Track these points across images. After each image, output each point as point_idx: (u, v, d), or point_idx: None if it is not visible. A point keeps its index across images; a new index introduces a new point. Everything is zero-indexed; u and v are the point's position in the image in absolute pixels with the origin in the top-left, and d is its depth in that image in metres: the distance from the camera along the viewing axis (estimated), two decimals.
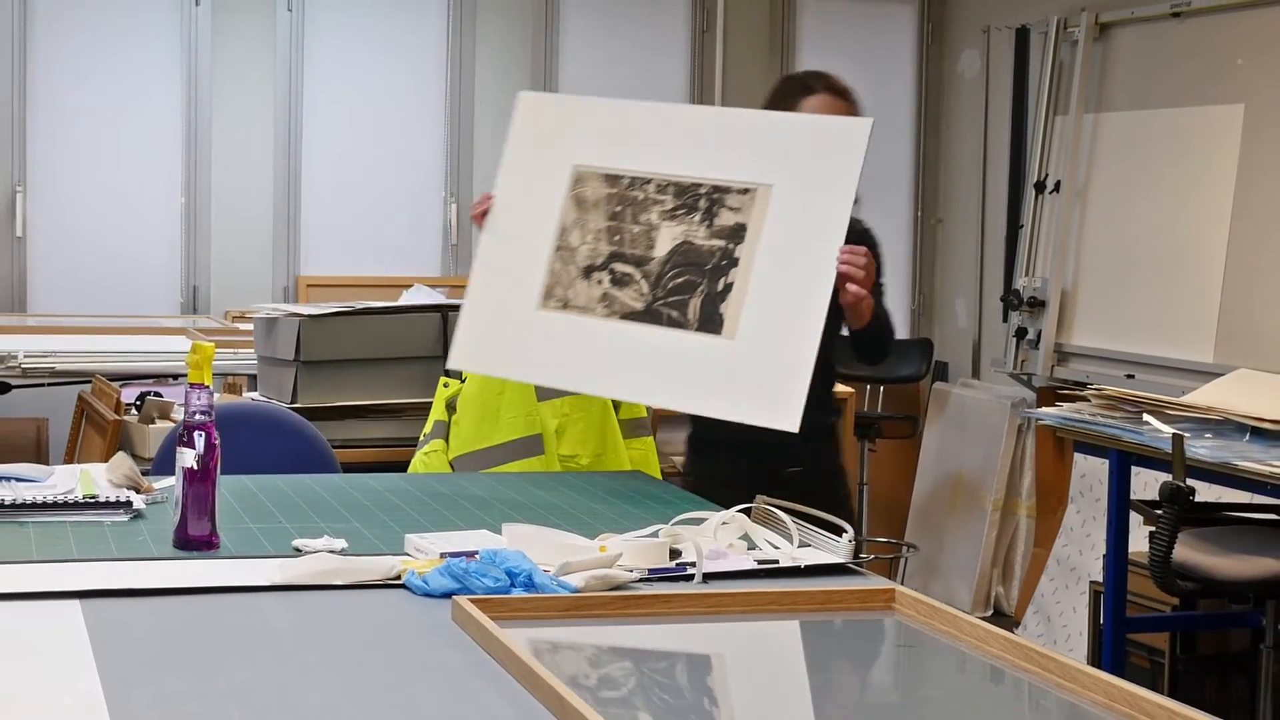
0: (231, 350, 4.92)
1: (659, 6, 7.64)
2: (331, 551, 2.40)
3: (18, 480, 2.83)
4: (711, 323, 2.96)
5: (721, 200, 3.03)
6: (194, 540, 2.40)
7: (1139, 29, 6.09)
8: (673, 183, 3.09)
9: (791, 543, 2.48)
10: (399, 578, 2.25)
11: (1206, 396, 4.01)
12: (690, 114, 3.49)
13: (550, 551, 2.30)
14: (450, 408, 3.96)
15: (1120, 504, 4.07)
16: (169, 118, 6.96)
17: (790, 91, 3.30)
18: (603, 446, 3.97)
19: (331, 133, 7.19)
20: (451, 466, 3.86)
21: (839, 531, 2.47)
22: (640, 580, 2.27)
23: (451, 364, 3.34)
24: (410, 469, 3.86)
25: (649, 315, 3.03)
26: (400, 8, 7.27)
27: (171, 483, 2.51)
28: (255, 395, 4.38)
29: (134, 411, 4.33)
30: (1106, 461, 4.12)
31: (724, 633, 2.15)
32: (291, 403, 4.11)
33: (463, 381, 4.02)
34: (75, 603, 2.11)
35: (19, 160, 6.78)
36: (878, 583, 2.34)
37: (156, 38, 6.94)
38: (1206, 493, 4.09)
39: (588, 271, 3.11)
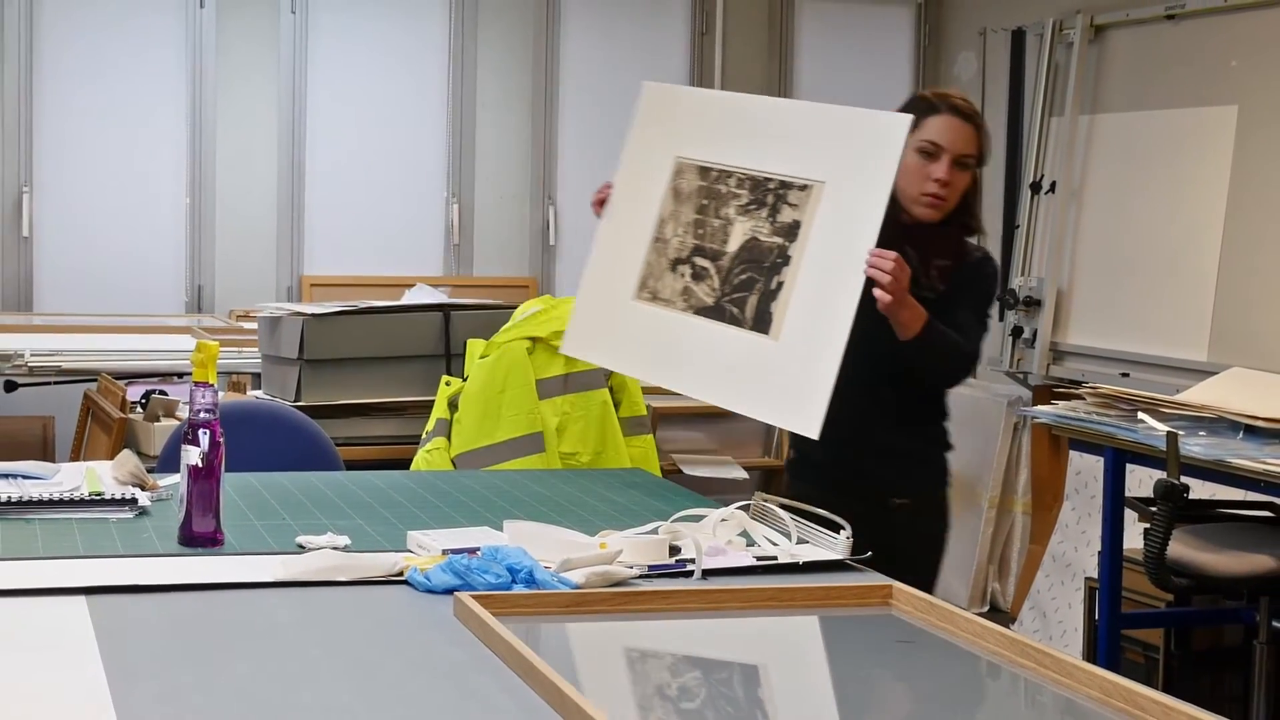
0: (236, 349, 4.92)
1: (659, 9, 7.64)
2: (335, 548, 2.40)
3: (24, 478, 2.84)
4: (763, 322, 2.91)
5: (784, 196, 2.96)
6: (199, 537, 2.40)
7: (1134, 31, 6.09)
8: (749, 177, 3.03)
9: (790, 539, 2.48)
10: (402, 574, 2.25)
11: (1201, 395, 4.01)
12: (778, 106, 3.38)
13: (551, 548, 2.30)
14: (452, 406, 3.96)
15: (1115, 501, 4.07)
16: (174, 119, 6.96)
17: (914, 109, 3.10)
18: (603, 444, 3.98)
19: (335, 133, 7.19)
20: (454, 464, 3.86)
21: (837, 528, 2.47)
22: (640, 576, 2.27)
23: (563, 350, 3.39)
24: (413, 466, 3.86)
25: (716, 311, 3.00)
26: (403, 10, 7.27)
27: (176, 480, 2.51)
28: (259, 393, 4.38)
29: (139, 409, 4.33)
30: (1102, 459, 4.12)
31: (723, 628, 2.15)
32: (295, 401, 4.11)
33: (464, 380, 4.02)
34: (81, 599, 2.11)
35: (26, 160, 6.78)
36: (875, 579, 2.33)
37: (161, 39, 6.94)
38: (1200, 490, 4.09)
39: (675, 264, 3.10)
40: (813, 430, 2.77)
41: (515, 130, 7.46)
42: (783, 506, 2.57)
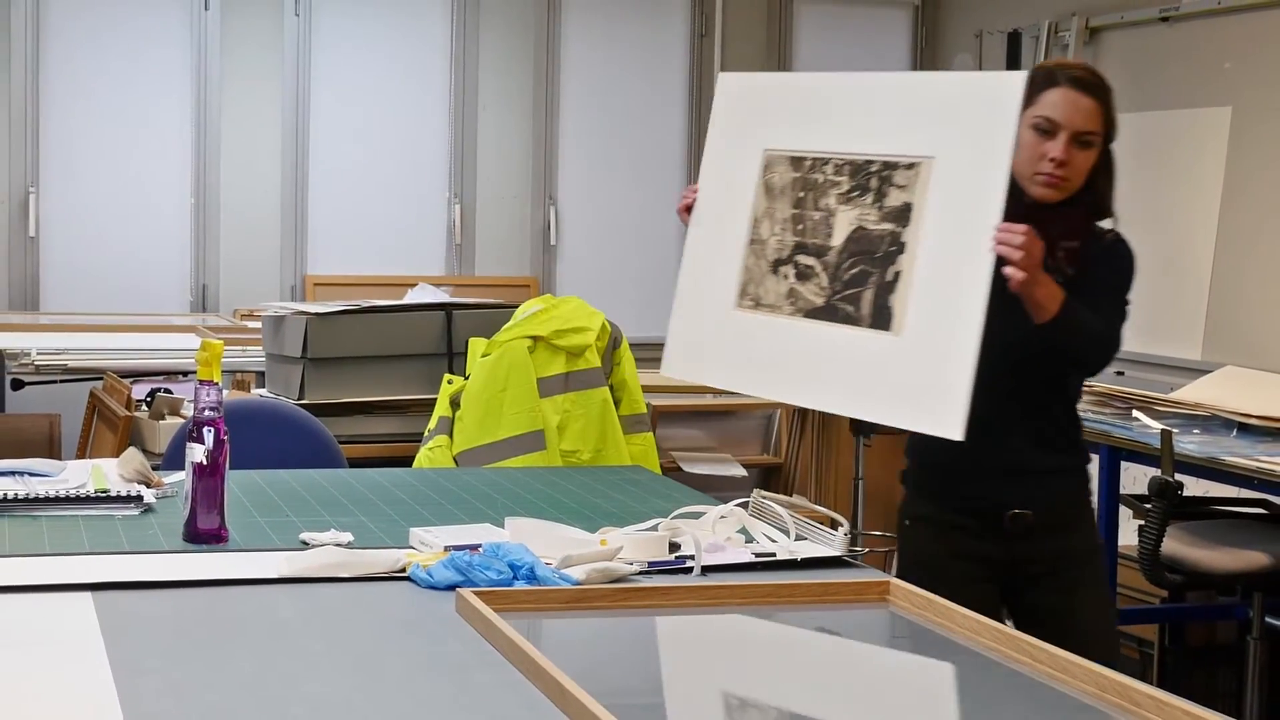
0: (240, 348, 4.92)
1: (659, 11, 7.64)
2: (338, 545, 2.40)
3: (31, 475, 2.83)
4: (882, 317, 2.62)
5: (890, 178, 2.66)
6: (203, 534, 2.40)
7: (1128, 33, 6.09)
8: (848, 161, 2.73)
9: (788, 536, 2.48)
10: (404, 570, 2.25)
11: (1194, 393, 4.02)
12: (866, 82, 3.03)
13: (552, 545, 2.30)
14: (454, 404, 3.96)
15: (1110, 498, 4.07)
16: (179, 120, 6.96)
17: (1033, 82, 2.76)
18: (603, 442, 3.98)
19: (338, 135, 7.19)
20: (455, 461, 3.86)
21: (835, 525, 2.47)
22: (640, 573, 2.27)
23: (663, 372, 3.03)
24: (415, 464, 3.86)
25: (828, 311, 2.71)
26: (405, 12, 7.27)
27: (181, 477, 2.51)
28: (263, 392, 4.38)
29: (145, 408, 4.33)
30: (1096, 456, 4.12)
31: (722, 624, 2.15)
32: (299, 399, 4.11)
33: (466, 379, 4.02)
34: (87, 595, 2.10)
35: (32, 161, 6.78)
36: (873, 575, 2.33)
37: (166, 41, 6.94)
38: (1194, 487, 4.09)
39: (776, 266, 2.82)
40: (955, 431, 2.49)
41: (516, 131, 7.46)
42: (781, 504, 2.57)
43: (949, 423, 2.49)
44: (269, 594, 2.16)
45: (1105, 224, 2.88)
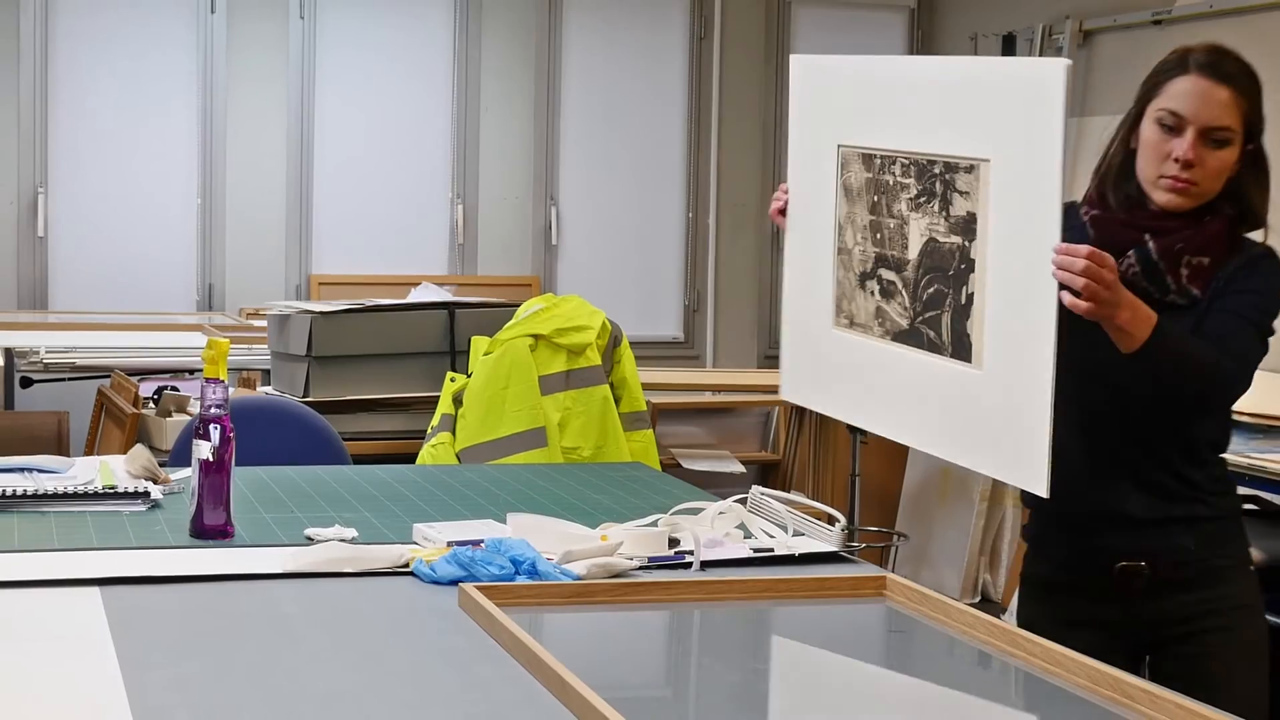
0: (246, 346, 4.92)
1: (658, 14, 7.64)
2: (342, 540, 2.40)
3: (40, 471, 2.83)
4: (962, 347, 2.29)
5: (953, 182, 2.31)
6: (209, 529, 2.40)
7: (1121, 36, 6.09)
8: (914, 160, 2.39)
9: (786, 532, 2.48)
10: (407, 565, 2.25)
11: None
12: (922, 69, 2.68)
13: (553, 540, 2.30)
14: (457, 401, 3.96)
15: None
16: (186, 122, 6.96)
17: (1162, 69, 2.39)
18: (604, 439, 3.98)
19: (342, 136, 7.19)
20: (458, 458, 3.86)
21: (832, 521, 2.47)
22: (640, 568, 2.27)
23: (782, 396, 2.83)
24: (418, 461, 3.86)
25: (913, 336, 2.39)
26: (408, 16, 7.27)
27: (188, 474, 2.51)
28: (269, 389, 4.38)
29: (152, 405, 4.33)
30: None
31: (721, 618, 2.15)
32: (304, 397, 4.11)
33: (469, 376, 4.02)
34: (95, 589, 2.11)
35: (41, 162, 6.78)
36: (869, 570, 2.33)
37: (173, 44, 6.94)
38: None
39: (863, 280, 2.52)
40: (1039, 486, 2.16)
41: (518, 133, 7.47)
42: (779, 500, 2.57)
43: (1033, 476, 2.18)
44: (274, 589, 2.16)
45: (1256, 235, 2.44)
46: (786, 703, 1.88)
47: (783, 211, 2.70)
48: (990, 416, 2.26)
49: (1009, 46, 6.93)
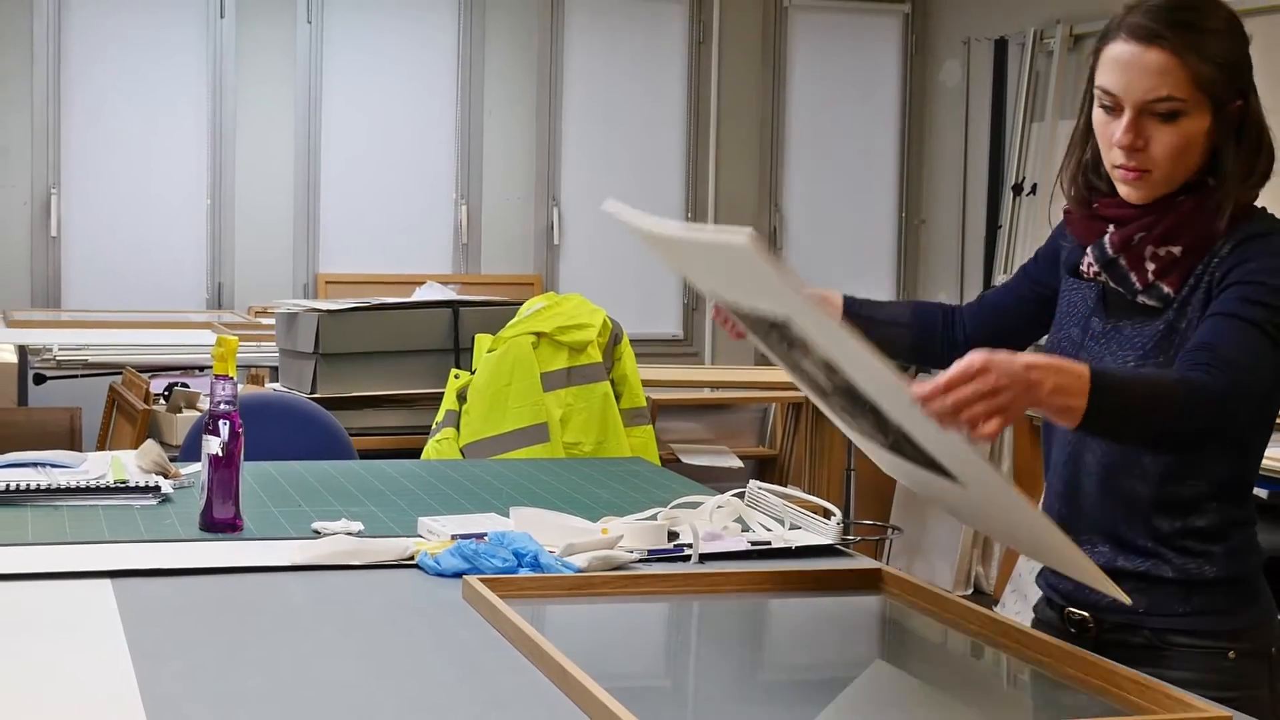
0: (254, 343, 4.92)
1: (658, 19, 7.64)
2: (349, 533, 2.40)
3: (53, 466, 2.83)
4: (935, 465, 1.78)
5: (788, 333, 1.78)
6: (219, 523, 2.40)
7: None
8: (754, 315, 1.86)
9: (783, 525, 2.48)
10: (412, 558, 2.25)
11: None
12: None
13: (555, 533, 2.30)
14: (461, 398, 3.96)
15: None
16: (195, 124, 6.96)
17: (1103, 34, 1.98)
18: (605, 434, 3.98)
19: (349, 138, 7.19)
20: (462, 453, 3.86)
21: (828, 515, 2.47)
22: (640, 561, 2.26)
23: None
24: (423, 456, 3.86)
25: (899, 450, 1.84)
26: (414, 21, 7.27)
27: (198, 469, 2.51)
28: (277, 386, 4.38)
29: (162, 401, 4.33)
30: None
31: (719, 610, 2.15)
32: (311, 393, 4.11)
33: (473, 373, 4.02)
34: (107, 582, 2.10)
35: (54, 163, 6.78)
36: (865, 563, 2.33)
37: (183, 48, 6.94)
38: None
39: (830, 405, 1.93)
40: (1112, 588, 1.77)
41: (521, 135, 7.47)
42: (776, 494, 2.57)
43: (1084, 569, 1.79)
44: (282, 581, 2.16)
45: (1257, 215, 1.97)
46: (784, 694, 1.88)
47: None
48: (1014, 531, 1.92)
49: (1001, 50, 6.93)
